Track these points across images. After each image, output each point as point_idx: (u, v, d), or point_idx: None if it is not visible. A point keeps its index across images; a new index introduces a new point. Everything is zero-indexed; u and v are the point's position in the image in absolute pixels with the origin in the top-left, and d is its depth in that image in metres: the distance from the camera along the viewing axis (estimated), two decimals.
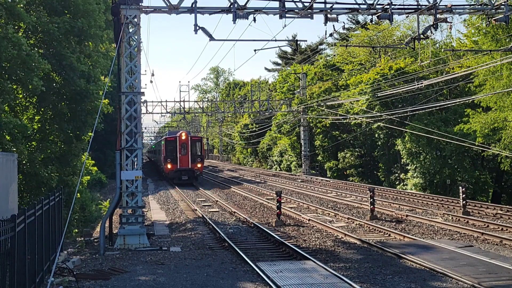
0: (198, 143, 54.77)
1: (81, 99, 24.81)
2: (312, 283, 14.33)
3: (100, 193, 47.77)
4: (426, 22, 42.02)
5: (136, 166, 21.47)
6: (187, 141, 52.51)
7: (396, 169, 51.39)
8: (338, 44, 64.83)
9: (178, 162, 51.91)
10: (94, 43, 26.44)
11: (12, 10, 21.28)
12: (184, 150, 52.12)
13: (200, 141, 56.13)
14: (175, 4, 21.61)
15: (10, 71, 21.37)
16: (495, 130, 35.52)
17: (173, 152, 52.24)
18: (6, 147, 21.04)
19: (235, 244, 20.46)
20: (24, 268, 12.35)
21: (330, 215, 29.00)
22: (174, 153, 52.11)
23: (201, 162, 53.96)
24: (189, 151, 52.08)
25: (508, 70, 33.75)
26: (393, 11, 22.28)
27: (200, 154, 54.10)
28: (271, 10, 22.01)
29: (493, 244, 20.59)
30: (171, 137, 53.97)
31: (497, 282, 14.47)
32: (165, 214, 31.81)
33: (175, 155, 52.08)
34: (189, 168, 52.10)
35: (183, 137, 52.57)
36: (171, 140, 53.19)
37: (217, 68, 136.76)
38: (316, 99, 60.94)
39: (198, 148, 53.86)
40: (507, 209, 28.78)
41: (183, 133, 53.36)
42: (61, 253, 18.64)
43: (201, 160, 53.84)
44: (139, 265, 17.46)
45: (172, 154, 52.26)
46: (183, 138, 52.57)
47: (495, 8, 22.69)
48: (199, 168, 53.10)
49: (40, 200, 15.30)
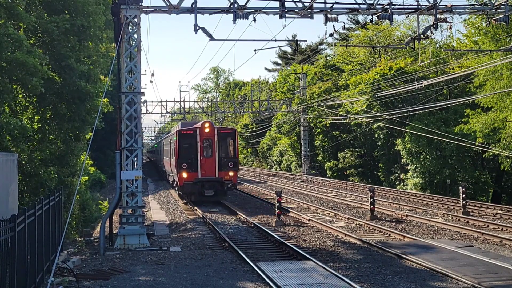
0: (230, 139, 35.40)
1: (80, 100, 24.81)
2: (312, 283, 14.33)
3: (100, 193, 47.78)
4: (426, 22, 42.03)
5: (136, 166, 21.47)
6: (213, 136, 34.38)
7: (396, 169, 51.39)
8: (338, 44, 64.82)
9: (199, 169, 33.90)
10: (94, 43, 26.44)
11: (12, 11, 21.28)
12: (209, 150, 34.39)
13: (233, 135, 35.71)
14: (175, 4, 21.61)
15: (9, 72, 21.36)
16: (495, 130, 35.53)
17: (190, 153, 34.27)
18: (6, 147, 21.03)
19: (235, 244, 20.46)
20: (24, 268, 12.35)
21: (330, 215, 29.00)
22: (193, 154, 34.19)
23: (235, 169, 34.76)
24: (217, 152, 34.25)
25: (508, 70, 33.75)
26: (393, 11, 22.27)
27: (234, 156, 35.06)
28: (271, 10, 22.00)
29: (493, 244, 20.58)
30: (187, 129, 35.46)
31: (497, 282, 14.46)
32: (165, 214, 31.80)
33: (193, 158, 34.11)
34: (217, 178, 33.99)
35: (207, 130, 34.37)
36: (188, 134, 34.90)
37: (217, 68, 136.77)
38: (316, 99, 60.96)
39: (230, 146, 35.29)
40: (507, 209, 28.78)
41: (207, 124, 34.68)
42: (61, 253, 18.64)
43: (234, 165, 34.66)
44: (139, 265, 17.46)
45: (189, 156, 34.21)
46: (207, 131, 34.38)
47: (495, 8, 22.68)
48: (231, 177, 34.25)
49: (40, 200, 15.30)
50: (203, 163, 33.96)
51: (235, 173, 34.79)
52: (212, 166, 33.98)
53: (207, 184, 33.75)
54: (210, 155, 34.15)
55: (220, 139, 34.56)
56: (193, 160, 33.98)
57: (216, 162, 34.00)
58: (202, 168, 33.91)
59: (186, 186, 34.22)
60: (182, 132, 34.96)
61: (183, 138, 34.65)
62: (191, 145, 34.27)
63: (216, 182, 33.94)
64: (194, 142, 34.18)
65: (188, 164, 34.04)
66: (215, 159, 34.01)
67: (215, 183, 33.94)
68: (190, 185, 33.95)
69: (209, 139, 34.34)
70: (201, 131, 34.30)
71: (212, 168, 33.95)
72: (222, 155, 34.40)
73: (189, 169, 33.96)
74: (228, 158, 34.55)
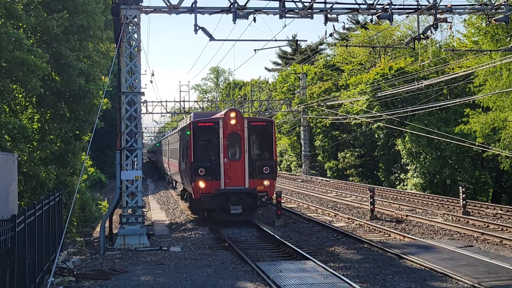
0: (266, 134, 26.03)
1: (80, 98, 24.82)
2: (312, 283, 14.32)
3: (100, 193, 47.77)
4: (426, 22, 42.00)
5: (136, 166, 21.48)
6: (241, 130, 25.37)
7: (396, 169, 51.40)
8: (338, 44, 64.82)
9: (222, 177, 24.97)
10: (94, 43, 26.45)
11: (11, 11, 21.29)
12: (236, 150, 25.44)
13: (270, 129, 26.17)
14: (175, 4, 21.61)
15: (9, 71, 21.38)
16: (495, 130, 35.54)
17: (209, 154, 25.25)
18: (5, 147, 21.03)
19: (235, 244, 20.46)
20: (24, 268, 12.34)
21: (330, 215, 29.00)
22: (213, 155, 25.16)
23: (272, 176, 25.55)
24: (247, 152, 25.26)
25: (508, 71, 33.76)
26: (393, 11, 22.28)
27: (270, 158, 25.69)
28: (271, 10, 22.00)
29: (493, 244, 20.58)
30: (205, 121, 26.04)
31: (497, 282, 14.46)
32: (165, 214, 31.80)
33: (214, 161, 25.09)
34: (247, 189, 25.03)
35: (233, 121, 25.31)
36: (207, 127, 25.62)
37: (217, 68, 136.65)
38: (316, 99, 60.97)
39: (265, 144, 26.03)
40: (507, 209, 28.78)
41: (233, 113, 25.52)
42: (61, 253, 18.64)
43: (271, 171, 25.44)
44: (139, 265, 17.46)
45: (208, 158, 25.16)
46: (233, 123, 25.32)
47: (495, 8, 22.68)
48: (266, 188, 25.26)
49: (40, 200, 15.31)
50: (227, 167, 24.90)
51: (272, 183, 25.30)
52: (241, 172, 25.01)
53: (233, 198, 24.64)
54: (238, 157, 25.15)
55: (252, 134, 25.44)
56: (213, 164, 24.85)
57: (246, 166, 25.00)
58: (227, 175, 24.86)
59: (204, 200, 24.64)
60: (199, 125, 25.32)
61: (200, 133, 25.22)
62: (210, 142, 25.20)
63: (245, 194, 24.86)
64: (215, 139, 25.03)
65: (206, 169, 24.75)
66: (245, 163, 25.01)
67: (245, 196, 24.85)
68: (210, 199, 24.55)
69: (236, 134, 25.14)
70: (224, 123, 25.06)
71: (241, 175, 24.99)
72: (255, 156, 25.36)
73: (208, 177, 24.72)
74: (262, 160, 25.31)
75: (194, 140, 25.18)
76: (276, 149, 26.53)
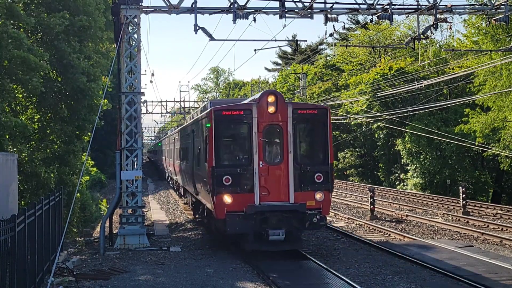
0: (320, 125, 18.37)
1: (82, 97, 24.82)
2: (312, 283, 14.33)
3: (100, 193, 47.78)
4: (426, 22, 42.00)
5: (136, 166, 21.48)
6: (284, 120, 18.05)
7: (396, 169, 51.41)
8: (338, 44, 64.77)
9: (256, 188, 17.64)
10: (94, 44, 26.45)
11: (12, 11, 21.30)
12: (276, 150, 18.34)
13: (324, 119, 18.29)
14: (175, 4, 21.60)
15: (10, 71, 21.39)
16: (495, 130, 35.55)
17: (237, 156, 18.29)
18: (5, 147, 21.04)
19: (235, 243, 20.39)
20: (24, 268, 12.35)
21: (330, 215, 29.02)
22: (243, 157, 18.06)
23: (326, 186, 18.03)
24: (291, 152, 17.86)
25: (508, 71, 33.77)
26: (393, 11, 22.27)
27: (324, 161, 18.17)
28: (271, 10, 22.00)
29: (493, 244, 20.59)
30: (231, 109, 18.42)
31: (497, 282, 14.47)
32: (165, 214, 31.81)
33: (246, 166, 17.81)
34: (292, 204, 17.68)
35: (271, 108, 17.96)
36: (234, 117, 18.26)
37: (217, 68, 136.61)
38: (316, 99, 60.97)
39: (318, 141, 18.60)
40: (507, 209, 28.79)
41: (271, 98, 18.03)
42: (61, 253, 18.65)
43: (325, 178, 18.00)
44: (139, 265, 17.46)
45: (236, 162, 18.13)
46: (272, 110, 17.97)
47: (495, 8, 22.68)
48: (319, 203, 17.88)
49: (40, 200, 15.31)
50: (264, 175, 17.65)
51: (328, 196, 17.92)
52: (283, 181, 17.73)
53: (273, 218, 17.46)
54: (279, 159, 17.86)
55: (299, 127, 18.16)
56: (244, 169, 17.63)
57: (291, 173, 17.69)
58: (264, 185, 17.62)
59: (232, 222, 17.33)
60: (223, 114, 17.90)
61: (225, 126, 18.09)
62: (239, 139, 18.26)
63: (290, 213, 17.55)
64: (247, 134, 17.87)
65: (234, 177, 17.56)
66: (289, 168, 17.70)
67: (289, 215, 17.54)
68: (240, 220, 17.34)
69: (277, 126, 17.94)
70: (260, 111, 17.77)
71: (283, 186, 17.72)
72: (303, 158, 18.09)
73: (237, 188, 17.53)
74: (314, 164, 17.99)
75: (216, 135, 17.56)
76: (332, 146, 18.31)
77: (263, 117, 17.75)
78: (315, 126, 18.35)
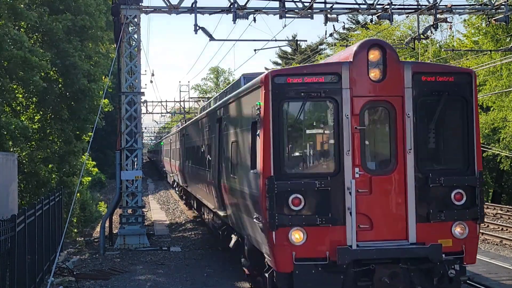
0: (459, 102, 10.28)
1: (82, 97, 24.84)
2: None
3: (100, 193, 47.81)
4: (426, 22, 42.01)
5: (136, 166, 21.48)
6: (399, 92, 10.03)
7: None
8: (338, 44, 64.77)
9: (351, 217, 9.57)
10: (95, 44, 26.47)
11: (14, 9, 21.32)
12: (384, 147, 10.33)
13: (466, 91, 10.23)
14: (175, 4, 21.60)
15: (10, 71, 21.41)
16: (495, 130, 35.54)
17: (314, 162, 10.57)
18: (5, 147, 21.06)
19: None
20: (24, 268, 12.35)
21: None
22: (326, 165, 10.31)
23: (472, 214, 10.10)
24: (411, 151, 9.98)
25: (508, 71, 33.78)
26: (393, 11, 22.26)
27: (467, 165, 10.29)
28: (271, 10, 21.99)
29: (493, 244, 20.58)
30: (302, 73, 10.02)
31: (497, 282, 14.46)
32: (165, 214, 31.81)
33: (329, 176, 9.82)
34: (415, 246, 9.75)
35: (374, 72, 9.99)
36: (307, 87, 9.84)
37: (217, 68, 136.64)
38: None
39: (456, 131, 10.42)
40: (507, 209, 28.79)
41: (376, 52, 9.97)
42: (61, 253, 18.66)
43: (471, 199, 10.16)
44: (139, 265, 17.46)
45: (313, 174, 10.04)
46: (375, 76, 9.99)
47: (495, 8, 22.68)
48: (459, 242, 9.97)
49: (40, 200, 15.32)
50: (364, 192, 9.99)
51: (474, 229, 10.29)
52: (397, 203, 10.08)
53: (381, 271, 9.70)
54: (391, 165, 10.21)
55: (425, 106, 10.35)
56: (326, 184, 9.88)
57: (410, 188, 10.08)
58: (363, 211, 9.91)
59: (306, 278, 9.69)
60: (288, 82, 9.95)
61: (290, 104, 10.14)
62: (317, 126, 10.78)
63: (412, 263, 9.92)
64: (331, 118, 10.24)
65: (308, 196, 9.88)
66: (407, 178, 10.08)
67: (410, 266, 9.91)
68: (320, 275, 9.71)
69: (385, 104, 10.26)
70: (354, 77, 10.06)
71: (397, 211, 10.07)
72: (431, 163, 10.57)
73: (314, 217, 9.82)
74: (449, 173, 10.31)
75: (275, 121, 9.94)
76: (479, 139, 10.76)
77: (361, 87, 10.07)
78: (451, 104, 10.44)
